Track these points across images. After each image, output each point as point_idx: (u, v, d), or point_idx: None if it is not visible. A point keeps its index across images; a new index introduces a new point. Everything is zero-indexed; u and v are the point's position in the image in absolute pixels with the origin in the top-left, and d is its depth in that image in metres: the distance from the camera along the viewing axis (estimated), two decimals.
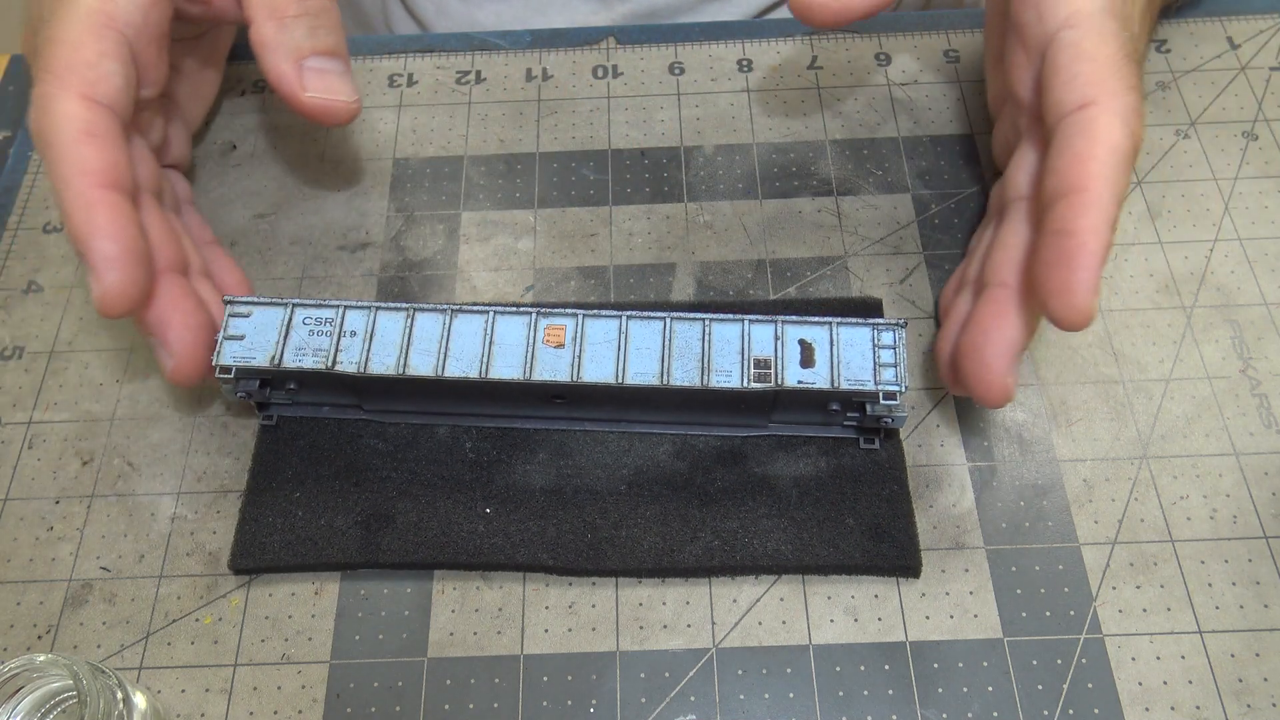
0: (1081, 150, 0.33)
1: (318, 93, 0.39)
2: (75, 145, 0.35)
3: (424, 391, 0.38)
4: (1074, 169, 0.33)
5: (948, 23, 0.52)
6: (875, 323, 0.37)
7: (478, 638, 0.37)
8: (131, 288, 0.34)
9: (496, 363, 0.37)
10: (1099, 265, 0.32)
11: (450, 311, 0.38)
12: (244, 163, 0.49)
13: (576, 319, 0.38)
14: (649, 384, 0.37)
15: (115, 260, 0.34)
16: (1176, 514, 0.39)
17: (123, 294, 0.34)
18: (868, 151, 0.48)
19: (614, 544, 0.38)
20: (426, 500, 0.39)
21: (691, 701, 0.36)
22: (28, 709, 0.34)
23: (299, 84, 0.38)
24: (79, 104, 0.35)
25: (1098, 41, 0.35)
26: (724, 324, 0.37)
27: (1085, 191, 0.33)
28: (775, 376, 0.36)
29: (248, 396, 0.39)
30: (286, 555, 0.38)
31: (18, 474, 0.41)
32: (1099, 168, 0.33)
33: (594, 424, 0.40)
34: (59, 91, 0.35)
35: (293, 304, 0.38)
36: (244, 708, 0.36)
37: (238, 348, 0.38)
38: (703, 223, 0.46)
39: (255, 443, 0.41)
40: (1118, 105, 0.34)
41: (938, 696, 0.36)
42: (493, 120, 0.50)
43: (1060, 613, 0.37)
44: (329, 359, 0.37)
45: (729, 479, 0.39)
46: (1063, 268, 0.32)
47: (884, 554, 0.37)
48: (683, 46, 0.52)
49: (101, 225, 0.34)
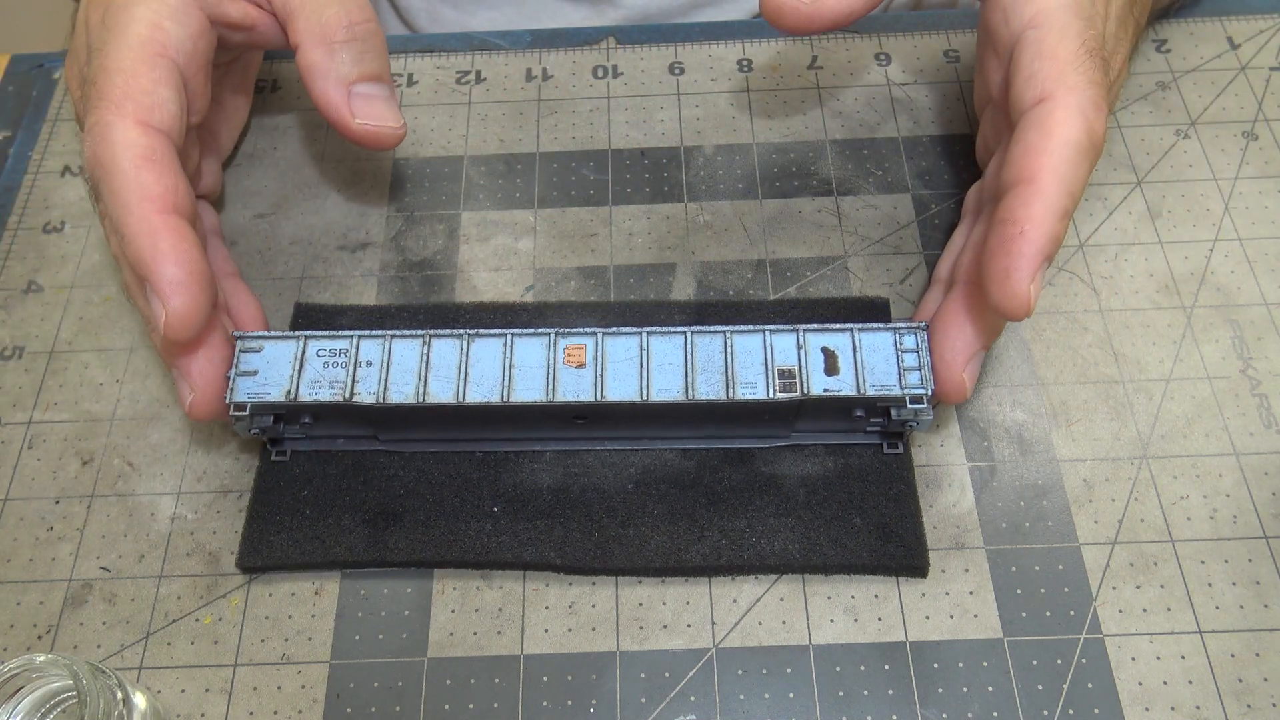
0: (1034, 143, 0.34)
1: (367, 119, 0.39)
2: (136, 171, 0.35)
3: (443, 419, 0.38)
4: (1025, 161, 0.34)
5: (948, 23, 0.52)
6: (896, 326, 0.37)
7: (478, 638, 0.37)
8: (197, 312, 0.35)
9: (518, 386, 0.37)
10: (1039, 255, 0.33)
11: (467, 336, 0.38)
12: (244, 163, 0.49)
13: (596, 337, 0.38)
14: (674, 399, 0.36)
15: (182, 285, 0.34)
16: (1176, 514, 0.39)
17: (189, 317, 0.34)
18: (868, 151, 0.48)
19: (621, 543, 0.38)
20: (434, 499, 0.39)
21: (691, 701, 0.36)
22: (28, 709, 0.34)
23: (348, 111, 0.39)
24: (137, 130, 0.35)
25: (1059, 38, 0.35)
26: (745, 335, 0.37)
27: (1033, 183, 0.33)
28: (801, 386, 0.36)
29: (261, 433, 0.38)
30: (294, 553, 0.38)
31: (18, 474, 0.41)
32: (1049, 160, 0.33)
33: (615, 443, 0.40)
34: (117, 119, 0.35)
35: (305, 336, 0.38)
36: (244, 708, 0.36)
37: (251, 384, 0.37)
38: (703, 223, 0.46)
39: (262, 443, 0.41)
40: (1075, 100, 0.34)
41: (938, 696, 0.36)
42: (493, 120, 0.50)
43: (1060, 613, 0.37)
44: (346, 390, 0.37)
45: (736, 478, 0.39)
46: (1003, 255, 0.33)
47: (891, 554, 0.37)
48: (683, 46, 0.52)
49: (166, 250, 0.34)
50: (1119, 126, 0.48)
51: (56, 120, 0.51)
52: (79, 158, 0.49)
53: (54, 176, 0.49)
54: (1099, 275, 0.44)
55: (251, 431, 0.38)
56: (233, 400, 0.37)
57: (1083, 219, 0.45)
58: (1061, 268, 0.44)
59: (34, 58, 0.53)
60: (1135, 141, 0.48)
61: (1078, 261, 0.44)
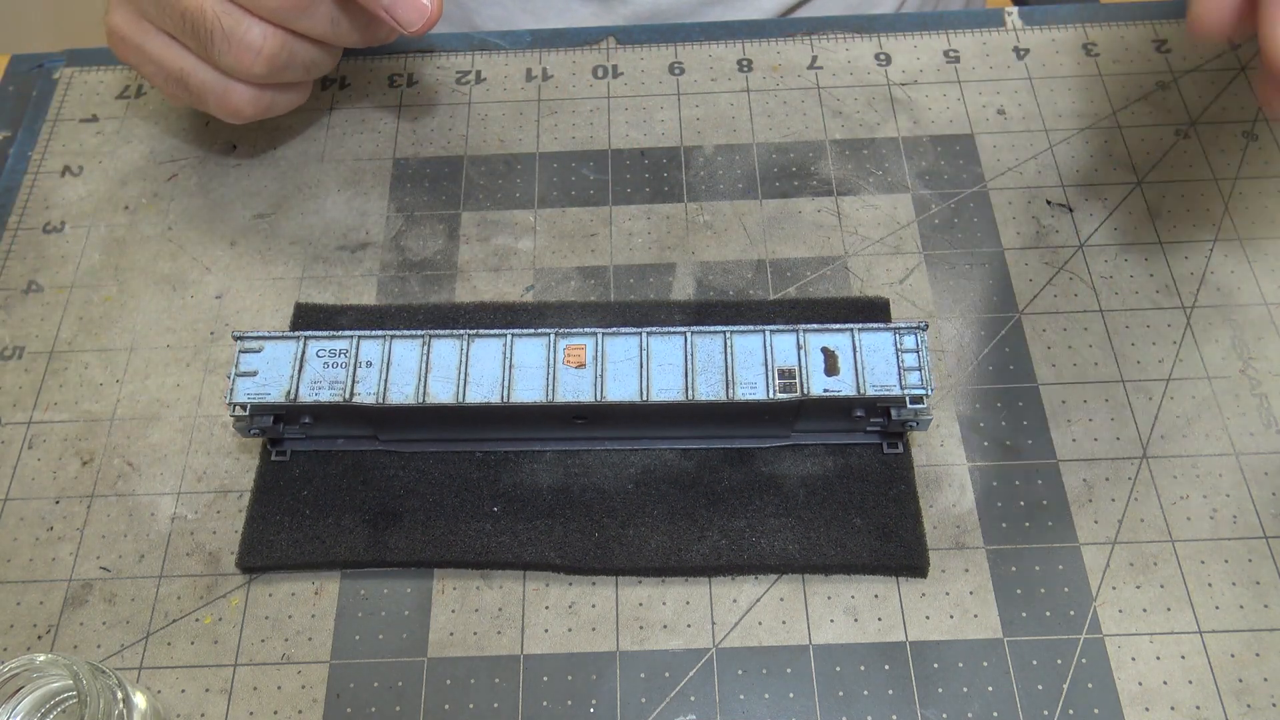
0: None
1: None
2: None
3: (443, 419, 0.38)
4: None
5: (948, 23, 0.52)
6: (896, 326, 0.37)
7: (478, 638, 0.37)
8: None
9: (518, 386, 0.37)
10: None
11: (467, 336, 0.38)
12: (244, 163, 0.49)
13: (596, 338, 0.38)
14: (674, 400, 0.36)
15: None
16: (1176, 514, 0.39)
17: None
18: (868, 151, 0.48)
19: (621, 543, 0.38)
20: (434, 499, 0.39)
21: (691, 701, 0.36)
22: (28, 709, 0.34)
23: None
24: None
25: None
26: (745, 336, 0.37)
27: None
28: (800, 386, 0.36)
29: (261, 433, 0.39)
30: (294, 553, 0.38)
31: (18, 474, 0.41)
32: None
33: (615, 443, 0.40)
34: None
35: (305, 336, 0.38)
36: (244, 708, 0.36)
37: (251, 384, 0.37)
38: (703, 223, 0.46)
39: (262, 443, 0.41)
40: None
41: (938, 696, 0.36)
42: (493, 120, 0.50)
43: (1060, 613, 0.37)
44: (346, 391, 0.37)
45: (736, 478, 0.39)
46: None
47: (891, 553, 0.37)
48: (683, 46, 0.52)
49: None
50: (1119, 127, 0.48)
51: (56, 120, 0.51)
52: (79, 158, 0.50)
53: (54, 176, 0.49)
54: (1099, 275, 0.44)
55: (251, 432, 0.38)
56: (232, 400, 0.37)
57: (1083, 219, 0.46)
58: (1061, 268, 0.44)
59: (34, 57, 0.53)
60: (1135, 141, 0.48)
61: (1078, 261, 0.44)
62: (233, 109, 0.43)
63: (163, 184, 0.49)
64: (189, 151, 0.49)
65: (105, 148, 0.50)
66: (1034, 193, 0.46)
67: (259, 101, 0.44)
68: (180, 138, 0.50)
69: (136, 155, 0.50)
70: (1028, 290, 0.44)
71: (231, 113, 0.44)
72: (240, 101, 0.43)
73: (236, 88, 0.43)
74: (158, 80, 0.44)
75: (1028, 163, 0.47)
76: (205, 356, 0.43)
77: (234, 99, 0.43)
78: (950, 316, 0.43)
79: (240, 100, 0.43)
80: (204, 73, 0.42)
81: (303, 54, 0.42)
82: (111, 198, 0.48)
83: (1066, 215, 0.46)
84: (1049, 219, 0.46)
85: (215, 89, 0.43)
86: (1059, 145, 0.48)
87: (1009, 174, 0.47)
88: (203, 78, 0.43)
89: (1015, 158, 0.47)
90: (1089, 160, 0.47)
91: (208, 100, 0.43)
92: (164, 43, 0.43)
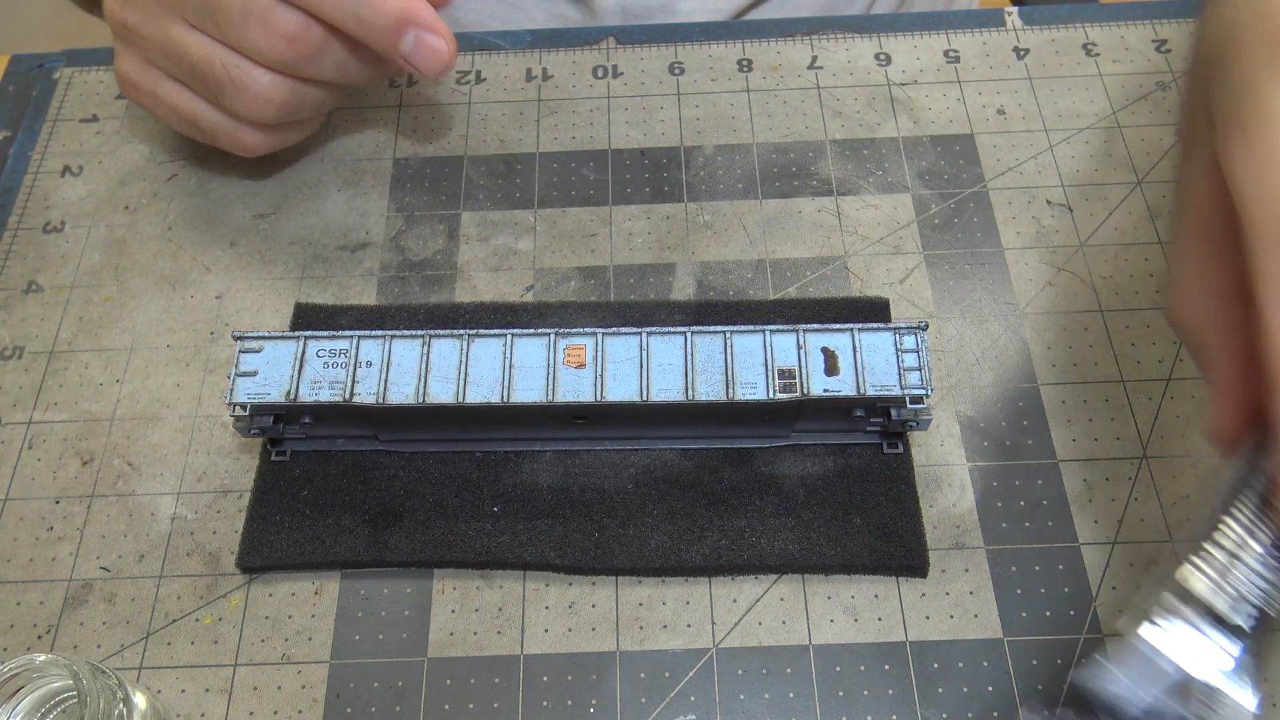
0: None
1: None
2: None
3: (443, 419, 0.38)
4: None
5: (948, 23, 0.52)
6: (896, 327, 0.37)
7: (478, 638, 0.37)
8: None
9: (518, 386, 0.37)
10: None
11: (467, 336, 0.38)
12: (244, 163, 0.49)
13: (596, 338, 0.38)
14: (674, 400, 0.36)
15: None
16: (1176, 514, 0.39)
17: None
18: (868, 151, 0.48)
19: (621, 543, 0.38)
20: (434, 499, 0.39)
21: (691, 701, 0.36)
22: (28, 709, 0.34)
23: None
24: None
25: None
26: (745, 335, 0.37)
27: None
28: (800, 386, 0.36)
29: (261, 433, 0.39)
30: (294, 553, 0.38)
31: (18, 474, 0.41)
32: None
33: (615, 443, 0.40)
34: None
35: (305, 336, 0.38)
36: (244, 708, 0.36)
37: (250, 384, 0.37)
38: (703, 223, 0.46)
39: (262, 442, 0.41)
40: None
41: (938, 696, 0.36)
42: (493, 120, 0.50)
43: (1060, 613, 0.37)
44: (346, 391, 0.37)
45: (736, 478, 0.39)
46: None
47: (891, 553, 0.37)
48: (683, 46, 0.52)
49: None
50: (1119, 127, 0.48)
51: (56, 120, 0.51)
52: (79, 158, 0.50)
53: (54, 176, 0.49)
54: (1099, 275, 0.44)
55: (251, 432, 0.38)
56: (233, 400, 0.37)
57: (1083, 219, 0.46)
58: (1061, 268, 0.44)
59: (34, 57, 0.53)
60: (1135, 141, 0.48)
61: (1078, 261, 0.44)
62: (246, 148, 0.44)
63: (163, 184, 0.49)
64: (189, 151, 0.49)
65: (105, 148, 0.50)
66: (1034, 193, 0.46)
67: (271, 139, 0.44)
68: (180, 138, 0.50)
69: (136, 155, 0.50)
70: (1028, 290, 0.44)
71: (245, 150, 0.45)
72: (253, 141, 0.44)
73: (248, 128, 0.44)
74: (170, 121, 0.45)
75: (1028, 163, 0.47)
76: (205, 356, 0.43)
77: (247, 139, 0.44)
78: (950, 316, 0.43)
79: (253, 140, 0.44)
80: (216, 116, 0.43)
81: (312, 97, 0.43)
82: (111, 198, 0.48)
83: (1066, 215, 0.46)
84: (1049, 219, 0.46)
85: (227, 130, 0.44)
86: (1059, 145, 0.48)
87: (1009, 174, 0.47)
88: (215, 120, 0.43)
89: (1015, 158, 0.47)
90: (1089, 160, 0.47)
91: (220, 140, 0.44)
92: (174, 89, 0.43)
